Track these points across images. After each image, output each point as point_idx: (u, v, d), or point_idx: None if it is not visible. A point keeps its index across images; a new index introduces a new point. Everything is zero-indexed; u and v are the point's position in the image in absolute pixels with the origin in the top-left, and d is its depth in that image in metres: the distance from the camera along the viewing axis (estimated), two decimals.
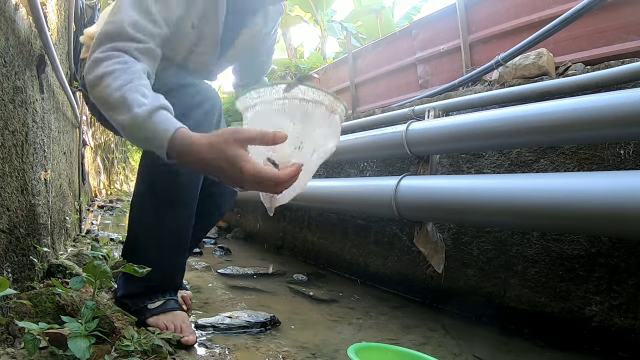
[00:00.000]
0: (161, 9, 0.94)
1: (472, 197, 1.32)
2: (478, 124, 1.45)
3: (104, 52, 0.87)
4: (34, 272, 1.18)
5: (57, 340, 0.74)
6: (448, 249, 1.72)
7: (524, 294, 1.48)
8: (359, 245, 2.26)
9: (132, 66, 0.86)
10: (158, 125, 0.78)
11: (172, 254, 1.09)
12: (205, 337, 1.19)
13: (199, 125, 0.91)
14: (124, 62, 0.86)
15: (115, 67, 0.84)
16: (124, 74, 0.83)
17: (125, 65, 0.85)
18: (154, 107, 0.79)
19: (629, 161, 1.28)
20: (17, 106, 1.14)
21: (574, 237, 1.37)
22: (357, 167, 2.40)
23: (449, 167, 1.82)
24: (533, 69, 1.85)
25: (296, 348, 1.18)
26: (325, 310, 1.61)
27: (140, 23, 0.91)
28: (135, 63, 0.87)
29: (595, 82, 1.35)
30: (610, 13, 1.95)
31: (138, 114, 0.78)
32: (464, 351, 1.24)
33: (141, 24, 0.91)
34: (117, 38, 0.88)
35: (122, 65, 0.84)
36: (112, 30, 0.89)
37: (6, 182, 1.02)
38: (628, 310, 1.23)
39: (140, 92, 0.81)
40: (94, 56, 0.87)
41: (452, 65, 2.94)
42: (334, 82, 4.37)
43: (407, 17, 6.45)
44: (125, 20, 0.89)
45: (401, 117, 2.00)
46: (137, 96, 0.80)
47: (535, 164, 1.52)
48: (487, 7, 2.66)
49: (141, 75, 0.86)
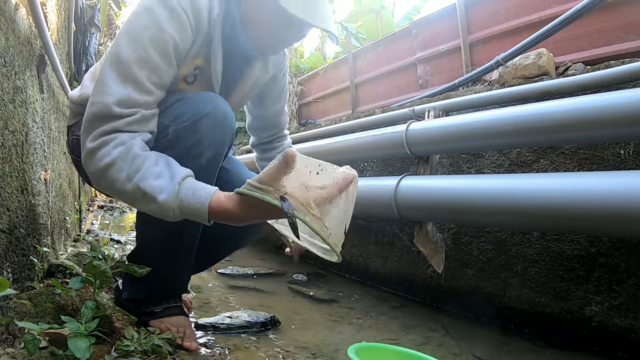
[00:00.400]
0: (150, 74, 0.86)
1: (472, 197, 1.32)
2: (478, 124, 1.45)
3: (95, 140, 0.82)
4: (34, 272, 1.18)
5: (57, 340, 0.74)
6: (448, 249, 1.72)
7: (524, 294, 1.48)
8: (359, 245, 2.26)
9: (130, 148, 0.81)
10: (191, 205, 0.79)
11: (178, 264, 1.08)
12: (205, 337, 1.19)
13: (203, 139, 0.92)
14: (120, 143, 0.82)
15: (113, 158, 0.80)
16: (125, 162, 0.80)
17: (122, 150, 0.81)
18: (175, 189, 0.79)
19: (629, 161, 1.28)
20: (17, 106, 1.14)
21: (574, 237, 1.37)
22: (357, 167, 2.40)
23: (449, 167, 1.82)
24: (533, 69, 1.86)
25: (296, 348, 1.18)
26: (325, 310, 1.61)
27: (127, 98, 0.83)
28: (130, 139, 0.83)
29: (595, 82, 1.36)
30: (610, 13, 1.95)
31: (166, 201, 0.79)
32: (464, 351, 1.24)
33: (129, 99, 0.84)
34: (105, 120, 0.83)
35: (119, 152, 0.81)
36: (98, 112, 0.83)
37: (6, 182, 1.02)
38: (628, 310, 1.23)
39: (153, 176, 0.80)
40: (87, 147, 0.83)
41: (452, 65, 2.95)
42: (334, 82, 4.37)
43: (407, 17, 6.44)
44: (110, 100, 0.82)
45: (401, 117, 2.00)
46: (152, 182, 0.79)
47: (535, 164, 1.52)
48: (487, 7, 2.66)
49: (142, 153, 0.82)
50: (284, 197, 0.74)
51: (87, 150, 0.83)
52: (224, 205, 0.79)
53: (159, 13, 0.87)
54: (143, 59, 0.85)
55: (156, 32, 0.86)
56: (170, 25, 0.87)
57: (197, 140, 0.92)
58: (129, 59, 0.85)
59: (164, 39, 0.86)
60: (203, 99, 0.95)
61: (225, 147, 0.99)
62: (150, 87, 0.87)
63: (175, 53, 0.89)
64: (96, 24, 3.01)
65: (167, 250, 1.02)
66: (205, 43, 0.96)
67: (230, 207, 0.79)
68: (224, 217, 0.80)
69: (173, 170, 0.82)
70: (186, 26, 0.89)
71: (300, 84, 4.98)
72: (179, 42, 0.89)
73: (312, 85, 4.79)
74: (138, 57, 0.85)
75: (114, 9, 5.13)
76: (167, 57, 0.88)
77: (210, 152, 0.94)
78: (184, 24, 0.89)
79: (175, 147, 0.91)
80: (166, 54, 0.87)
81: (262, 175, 0.76)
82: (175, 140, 0.91)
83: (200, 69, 0.99)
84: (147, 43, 0.85)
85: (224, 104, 0.98)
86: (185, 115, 0.92)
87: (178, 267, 1.08)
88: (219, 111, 0.95)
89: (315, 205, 0.75)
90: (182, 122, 0.91)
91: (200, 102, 0.94)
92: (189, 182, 0.82)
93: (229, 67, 1.03)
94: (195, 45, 0.95)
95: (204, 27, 0.94)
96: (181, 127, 0.91)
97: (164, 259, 1.02)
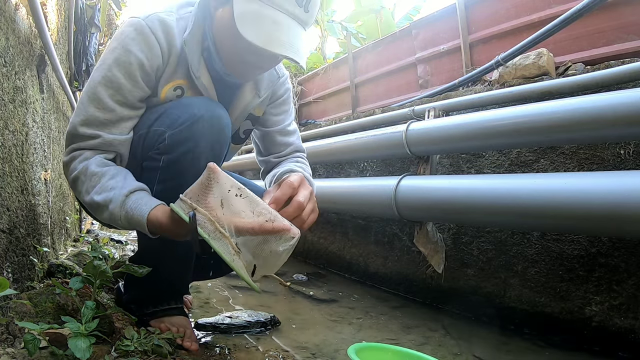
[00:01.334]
0: (114, 93, 0.92)
1: (472, 197, 1.32)
2: (478, 124, 1.45)
3: (67, 155, 0.94)
4: (34, 272, 1.18)
5: (57, 340, 0.74)
6: (448, 249, 1.72)
7: (524, 294, 1.48)
8: (359, 245, 2.26)
9: (88, 165, 0.90)
10: (134, 216, 0.85)
11: (179, 265, 1.08)
12: (205, 337, 1.19)
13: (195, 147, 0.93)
14: (84, 159, 0.91)
15: (78, 172, 0.91)
16: (86, 177, 0.90)
17: (84, 165, 0.90)
18: (122, 200, 0.86)
19: (629, 161, 1.28)
20: (18, 106, 1.14)
21: (574, 237, 1.37)
22: (357, 167, 2.40)
23: (449, 167, 1.82)
24: (533, 69, 1.85)
25: (296, 348, 1.18)
26: (325, 310, 1.61)
27: (90, 117, 0.91)
28: (92, 157, 0.92)
29: (595, 82, 1.36)
30: (610, 13, 1.95)
31: (113, 210, 0.86)
32: (464, 351, 1.24)
33: (91, 117, 0.91)
34: (73, 138, 0.93)
35: (82, 167, 0.90)
36: (70, 130, 0.93)
37: (6, 182, 1.02)
38: (628, 310, 1.23)
39: (107, 189, 0.88)
40: (63, 160, 0.96)
41: (452, 65, 2.94)
42: (334, 82, 4.37)
43: (407, 17, 6.44)
44: (77, 121, 0.92)
45: (401, 117, 2.00)
46: (104, 195, 0.87)
47: (535, 164, 1.52)
48: (487, 7, 2.66)
49: (99, 171, 0.90)
50: (194, 211, 0.76)
51: (62, 162, 0.96)
52: (160, 220, 0.84)
53: (127, 34, 0.93)
54: (107, 78, 0.92)
55: (122, 52, 0.92)
56: (135, 46, 0.92)
57: (194, 143, 0.93)
58: (95, 80, 0.93)
59: (128, 60, 0.92)
60: (197, 103, 0.96)
61: (223, 148, 1.00)
62: (112, 106, 0.92)
63: (141, 72, 0.94)
64: (96, 24, 3.00)
65: (168, 252, 1.02)
66: (183, 63, 0.98)
67: (164, 221, 0.83)
68: (160, 231, 0.85)
69: (126, 183, 0.89)
70: (153, 45, 0.93)
71: (300, 84, 4.98)
72: (144, 61, 0.93)
73: (312, 85, 4.79)
74: (102, 77, 0.92)
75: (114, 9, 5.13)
76: (131, 77, 0.93)
77: (208, 154, 0.95)
78: (150, 43, 0.93)
79: (173, 152, 0.93)
80: (130, 73, 0.93)
81: (188, 189, 0.80)
82: (173, 146, 0.93)
83: (184, 88, 1.00)
84: (112, 63, 0.92)
85: (218, 107, 0.98)
86: (180, 119, 0.93)
87: (179, 268, 1.08)
88: (215, 113, 0.96)
89: (226, 226, 0.75)
90: (178, 126, 0.93)
91: (194, 105, 0.95)
92: (137, 195, 0.88)
93: (218, 91, 1.04)
94: (170, 66, 0.97)
95: (176, 48, 0.96)
96: (177, 131, 0.92)
97: (165, 260, 1.02)
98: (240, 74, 1.00)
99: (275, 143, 1.22)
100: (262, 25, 0.84)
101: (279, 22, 0.85)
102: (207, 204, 0.77)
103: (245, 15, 0.84)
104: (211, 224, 0.75)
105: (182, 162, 0.93)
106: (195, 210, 0.76)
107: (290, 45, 0.86)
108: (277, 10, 0.85)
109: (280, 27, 0.85)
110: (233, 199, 0.76)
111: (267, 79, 1.13)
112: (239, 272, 0.76)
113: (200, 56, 0.98)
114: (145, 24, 0.93)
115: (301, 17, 0.89)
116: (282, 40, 0.85)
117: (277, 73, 1.15)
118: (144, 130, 0.97)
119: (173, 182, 0.93)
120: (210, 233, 0.75)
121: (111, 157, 0.95)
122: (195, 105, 0.95)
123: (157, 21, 0.94)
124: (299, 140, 1.27)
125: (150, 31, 0.93)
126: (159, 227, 0.84)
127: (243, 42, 0.85)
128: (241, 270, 0.76)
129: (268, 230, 0.76)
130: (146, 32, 0.93)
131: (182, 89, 1.00)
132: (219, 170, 0.78)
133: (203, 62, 0.99)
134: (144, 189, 0.91)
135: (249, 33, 0.83)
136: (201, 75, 0.99)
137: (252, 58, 0.94)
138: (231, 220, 0.76)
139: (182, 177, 0.92)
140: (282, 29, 0.86)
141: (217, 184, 0.77)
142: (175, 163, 0.93)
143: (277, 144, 1.22)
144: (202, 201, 0.77)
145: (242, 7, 0.84)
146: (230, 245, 0.75)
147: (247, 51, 0.91)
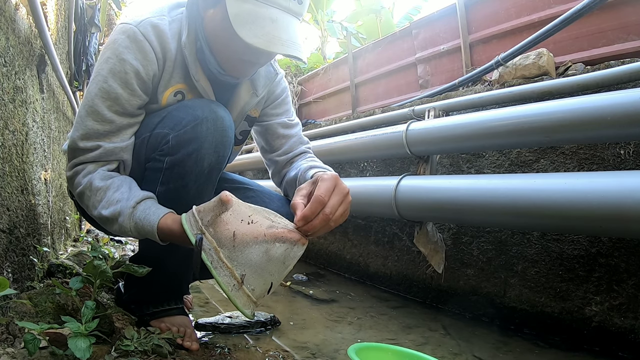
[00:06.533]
0: (112, 104, 0.91)
1: (472, 197, 1.32)
2: (478, 124, 1.45)
3: (70, 170, 0.94)
4: (34, 272, 1.18)
5: (57, 340, 0.74)
6: (448, 249, 1.72)
7: (524, 294, 1.48)
8: (359, 245, 2.26)
9: (92, 180, 0.90)
10: (144, 226, 0.86)
11: (179, 266, 1.08)
12: (205, 337, 1.19)
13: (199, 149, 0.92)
14: (87, 173, 0.92)
15: (83, 187, 0.91)
16: (91, 192, 0.90)
17: (88, 180, 0.91)
18: (130, 212, 0.87)
19: (629, 161, 1.28)
20: (18, 106, 1.14)
21: (574, 237, 1.37)
22: (357, 167, 2.40)
23: (449, 167, 1.82)
24: (533, 69, 1.85)
25: (296, 348, 1.18)
26: (325, 310, 1.61)
27: (89, 130, 0.91)
28: (95, 170, 0.92)
29: (595, 82, 1.35)
30: (610, 13, 1.95)
31: (122, 222, 0.87)
32: (464, 351, 1.24)
33: (91, 131, 0.91)
34: (75, 153, 0.93)
35: (86, 181, 0.91)
36: (70, 145, 0.94)
37: (6, 182, 1.02)
38: (628, 310, 1.23)
39: (113, 202, 0.88)
40: (66, 174, 0.96)
41: (452, 65, 2.94)
42: (334, 82, 4.37)
43: (407, 17, 6.45)
44: (76, 135, 0.92)
45: (401, 117, 2.00)
46: (112, 209, 0.88)
47: (535, 164, 1.52)
48: (487, 7, 2.66)
49: (103, 185, 0.90)
50: (202, 234, 0.76)
51: (66, 177, 0.97)
52: (170, 227, 0.84)
53: (120, 43, 0.91)
54: (103, 90, 0.91)
55: (116, 62, 0.91)
56: (129, 54, 0.91)
57: (198, 144, 0.93)
58: (92, 92, 0.92)
59: (123, 69, 0.91)
60: (200, 105, 0.96)
61: (227, 150, 0.99)
62: (111, 117, 0.92)
63: (137, 80, 0.93)
64: (96, 24, 3.00)
65: (168, 252, 1.02)
66: (179, 67, 0.97)
67: (175, 230, 0.83)
68: (171, 239, 0.86)
69: (131, 194, 0.90)
70: (147, 51, 0.92)
71: (300, 84, 4.98)
72: (139, 69, 0.92)
73: (312, 85, 4.79)
74: (99, 89, 0.91)
75: (114, 9, 5.13)
76: (128, 86, 0.92)
77: (212, 155, 0.94)
78: (144, 50, 0.92)
79: (177, 154, 0.92)
80: (127, 82, 0.92)
81: (201, 205, 0.80)
82: (176, 147, 0.92)
83: (184, 92, 1.00)
84: (107, 74, 0.91)
85: (220, 108, 0.98)
86: (184, 121, 0.93)
87: (179, 268, 1.08)
88: (218, 114, 0.95)
89: (228, 255, 0.75)
90: (182, 127, 0.92)
91: (197, 107, 0.95)
92: (144, 204, 0.88)
93: (216, 92, 1.03)
94: (166, 71, 0.97)
95: (171, 52, 0.95)
96: (181, 132, 0.92)
97: (165, 261, 1.02)
98: (237, 72, 1.00)
99: (278, 135, 1.19)
100: (261, 26, 0.83)
101: (277, 20, 0.84)
102: (217, 234, 0.76)
103: (241, 16, 0.83)
104: (216, 254, 0.76)
105: (185, 164, 0.92)
106: (204, 235, 0.76)
107: (292, 42, 0.86)
108: (272, 7, 0.84)
109: (279, 25, 0.85)
110: (245, 227, 0.76)
111: (264, 77, 1.11)
112: (235, 304, 0.76)
113: (195, 58, 0.98)
114: (137, 30, 0.91)
115: (295, 9, 0.88)
116: (283, 39, 0.84)
117: (274, 70, 1.13)
118: (147, 134, 0.97)
119: (176, 183, 0.93)
120: (214, 262, 0.75)
121: (114, 167, 0.95)
122: (198, 107, 0.95)
123: (149, 26, 0.92)
124: (301, 132, 1.24)
125: (144, 37, 0.91)
126: (170, 234, 0.85)
127: (240, 43, 0.84)
128: (238, 303, 0.76)
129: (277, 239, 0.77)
130: (139, 39, 0.91)
131: (182, 93, 1.00)
132: (232, 200, 0.77)
133: (198, 63, 0.98)
134: (150, 197, 0.91)
135: (249, 35, 0.82)
136: (199, 77, 0.98)
137: (250, 57, 0.93)
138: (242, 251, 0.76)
139: (185, 178, 0.93)
140: (281, 27, 0.85)
141: (231, 215, 0.77)
142: (179, 164, 0.92)
143: (280, 137, 1.19)
144: (211, 227, 0.77)
145: (236, 7, 0.83)
146: (233, 276, 0.75)
147: (244, 51, 0.91)
